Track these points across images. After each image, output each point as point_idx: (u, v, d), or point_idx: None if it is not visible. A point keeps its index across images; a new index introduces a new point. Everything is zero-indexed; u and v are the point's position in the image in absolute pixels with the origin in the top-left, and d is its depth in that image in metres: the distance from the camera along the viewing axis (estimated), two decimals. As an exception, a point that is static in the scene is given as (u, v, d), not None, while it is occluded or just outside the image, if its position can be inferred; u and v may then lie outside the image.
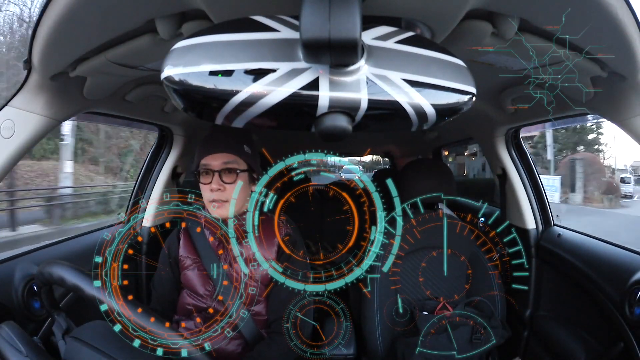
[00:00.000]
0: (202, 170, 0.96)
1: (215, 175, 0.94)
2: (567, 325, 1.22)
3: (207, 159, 0.95)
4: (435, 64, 0.50)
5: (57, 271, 0.69)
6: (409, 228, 1.09)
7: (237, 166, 0.95)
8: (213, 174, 0.94)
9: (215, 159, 0.95)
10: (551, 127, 2.66)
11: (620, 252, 1.10)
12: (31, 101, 0.79)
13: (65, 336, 0.71)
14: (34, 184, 9.39)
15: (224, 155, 0.95)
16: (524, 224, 1.41)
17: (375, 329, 1.12)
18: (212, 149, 0.95)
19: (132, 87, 1.04)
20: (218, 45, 0.45)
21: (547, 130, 11.73)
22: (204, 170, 0.95)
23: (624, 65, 0.69)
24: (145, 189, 1.49)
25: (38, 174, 9.77)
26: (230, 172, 0.94)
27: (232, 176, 0.94)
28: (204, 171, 0.95)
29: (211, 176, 0.94)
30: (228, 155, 0.95)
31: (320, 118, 0.47)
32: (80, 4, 0.56)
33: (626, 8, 0.56)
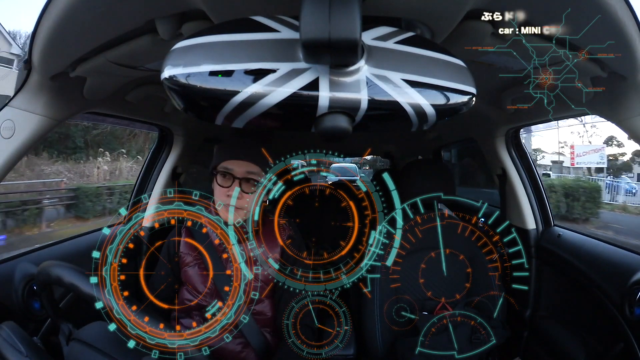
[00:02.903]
0: (223, 172, 0.94)
1: (236, 181, 0.93)
2: (567, 325, 1.22)
3: (231, 163, 0.94)
4: (435, 64, 0.50)
5: (57, 271, 0.69)
6: (409, 228, 1.09)
7: (258, 178, 0.95)
8: (234, 180, 0.93)
9: (239, 166, 0.94)
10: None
11: (620, 252, 1.10)
12: (31, 101, 0.79)
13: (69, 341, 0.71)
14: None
15: (248, 164, 0.94)
16: (524, 224, 1.41)
17: (375, 329, 1.12)
18: (239, 154, 0.94)
19: (132, 87, 1.04)
20: (218, 45, 0.45)
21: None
22: (225, 172, 0.94)
23: (624, 65, 0.69)
24: (145, 189, 1.49)
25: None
26: (250, 182, 0.94)
27: (252, 187, 0.94)
28: (225, 174, 0.94)
29: (231, 181, 0.94)
30: (253, 165, 0.94)
31: (321, 118, 0.47)
32: (80, 4, 0.56)
33: (626, 8, 0.56)
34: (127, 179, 10.44)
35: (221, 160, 0.95)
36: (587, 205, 8.69)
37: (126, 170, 11.17)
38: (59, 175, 9.62)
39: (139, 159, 11.34)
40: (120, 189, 9.00)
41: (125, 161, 11.51)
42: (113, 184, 9.48)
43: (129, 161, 11.59)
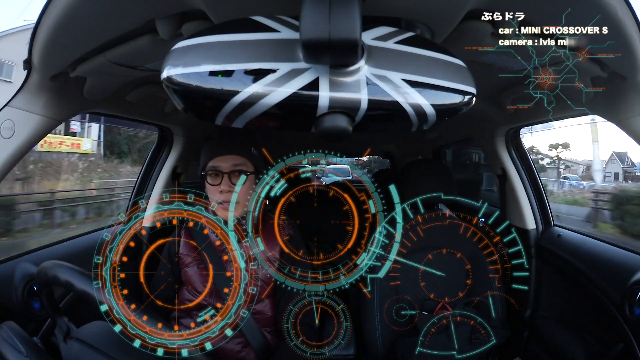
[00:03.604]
0: (211, 172, 0.96)
1: (225, 176, 0.94)
2: (567, 326, 1.22)
3: (216, 160, 0.96)
4: (435, 64, 0.50)
5: (57, 271, 0.69)
6: (409, 228, 1.09)
7: (246, 168, 0.96)
8: (222, 176, 0.95)
9: (225, 161, 0.95)
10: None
11: (620, 252, 1.10)
12: (31, 101, 0.79)
13: (66, 339, 0.71)
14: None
15: (234, 157, 0.96)
16: (524, 224, 1.41)
17: (375, 329, 1.12)
18: (222, 150, 0.96)
19: (132, 87, 1.04)
20: (218, 45, 0.45)
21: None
22: (213, 171, 0.96)
23: (624, 65, 0.69)
24: (145, 189, 1.49)
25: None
26: (239, 173, 0.95)
27: (240, 177, 0.94)
28: (213, 173, 0.96)
29: (220, 178, 0.95)
30: (238, 157, 0.96)
31: (321, 118, 0.47)
32: (80, 4, 0.56)
33: (626, 8, 0.56)
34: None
35: (207, 160, 0.96)
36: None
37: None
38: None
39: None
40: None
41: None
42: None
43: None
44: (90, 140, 11.90)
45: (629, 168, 11.06)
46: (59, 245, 1.18)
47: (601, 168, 12.50)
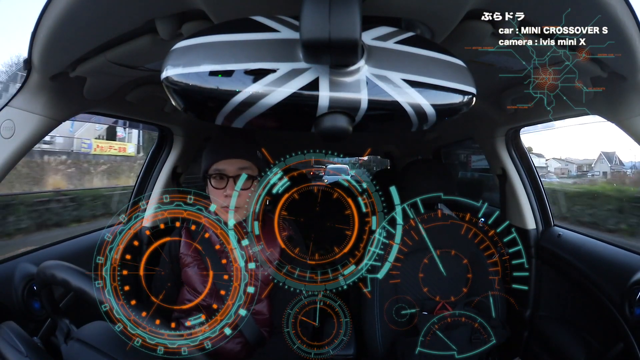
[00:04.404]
0: (215, 175, 0.94)
1: (230, 180, 0.92)
2: (567, 326, 1.22)
3: (222, 163, 0.93)
4: (435, 64, 0.50)
5: (57, 272, 0.69)
6: (409, 228, 1.09)
7: (251, 172, 0.94)
8: (228, 180, 0.93)
9: (231, 164, 0.93)
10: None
11: (620, 252, 1.10)
12: (31, 101, 0.79)
13: (67, 340, 0.71)
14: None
15: (240, 160, 0.94)
16: (524, 224, 1.41)
17: (375, 329, 1.12)
18: (227, 153, 0.94)
19: (132, 87, 1.04)
20: (218, 45, 0.45)
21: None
22: (218, 174, 0.94)
23: (624, 65, 0.69)
24: (145, 189, 1.49)
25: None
26: (245, 178, 0.93)
27: (248, 182, 0.93)
28: (217, 176, 0.94)
29: (225, 181, 0.93)
30: (244, 161, 0.94)
31: (321, 118, 0.47)
32: (80, 4, 0.56)
33: (626, 8, 0.56)
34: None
35: (212, 162, 0.94)
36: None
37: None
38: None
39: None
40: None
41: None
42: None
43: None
44: (133, 144, 12.18)
45: (617, 167, 11.14)
46: (59, 245, 1.19)
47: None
